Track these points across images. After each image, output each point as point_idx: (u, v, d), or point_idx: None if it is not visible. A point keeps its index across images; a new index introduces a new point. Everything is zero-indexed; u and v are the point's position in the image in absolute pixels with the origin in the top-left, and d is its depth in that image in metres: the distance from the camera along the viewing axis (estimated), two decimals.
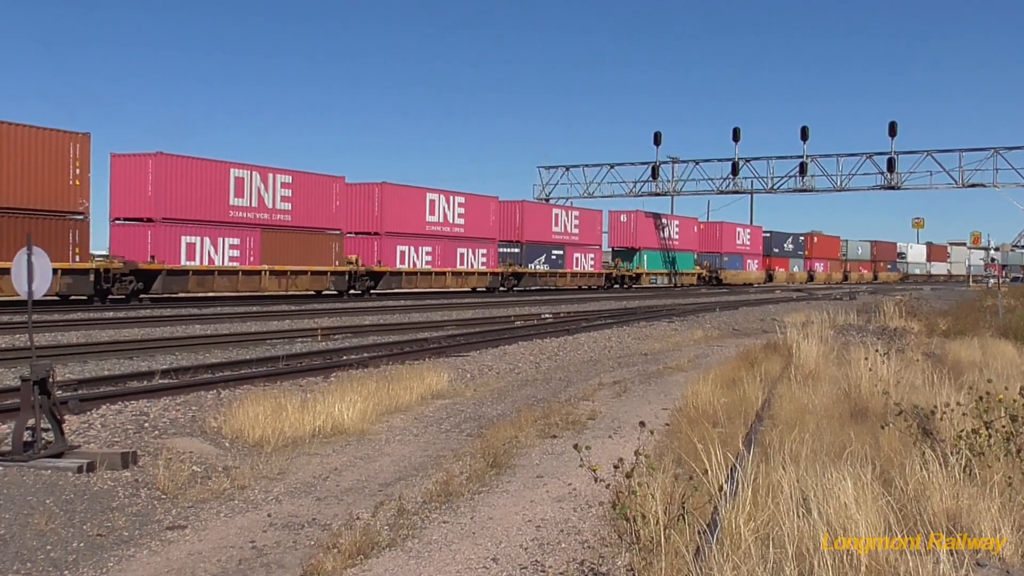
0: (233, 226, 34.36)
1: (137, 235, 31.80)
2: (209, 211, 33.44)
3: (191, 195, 32.80)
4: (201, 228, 33.04)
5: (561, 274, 54.65)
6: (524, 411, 10.70)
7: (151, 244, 31.58)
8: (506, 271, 50.09)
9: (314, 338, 19.63)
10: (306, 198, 37.37)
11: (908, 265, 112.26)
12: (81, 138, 28.09)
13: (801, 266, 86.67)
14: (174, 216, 32.16)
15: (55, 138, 27.38)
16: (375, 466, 8.50)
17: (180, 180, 32.45)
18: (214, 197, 33.64)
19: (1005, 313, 24.45)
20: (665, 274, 65.02)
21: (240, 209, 34.74)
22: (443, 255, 45.13)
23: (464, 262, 46.70)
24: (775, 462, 6.14)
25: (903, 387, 10.09)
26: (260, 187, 35.64)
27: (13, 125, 26.43)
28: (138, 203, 31.82)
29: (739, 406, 9.98)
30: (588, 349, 19.28)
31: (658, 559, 4.77)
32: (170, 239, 31.98)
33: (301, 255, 36.84)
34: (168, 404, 10.22)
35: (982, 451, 6.46)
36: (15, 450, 7.51)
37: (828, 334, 17.28)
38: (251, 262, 34.99)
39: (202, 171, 33.45)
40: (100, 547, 6.10)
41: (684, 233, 68.46)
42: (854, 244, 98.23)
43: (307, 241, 37.24)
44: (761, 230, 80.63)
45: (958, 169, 56.12)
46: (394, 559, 5.70)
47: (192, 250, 32.73)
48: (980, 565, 5.02)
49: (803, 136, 57.95)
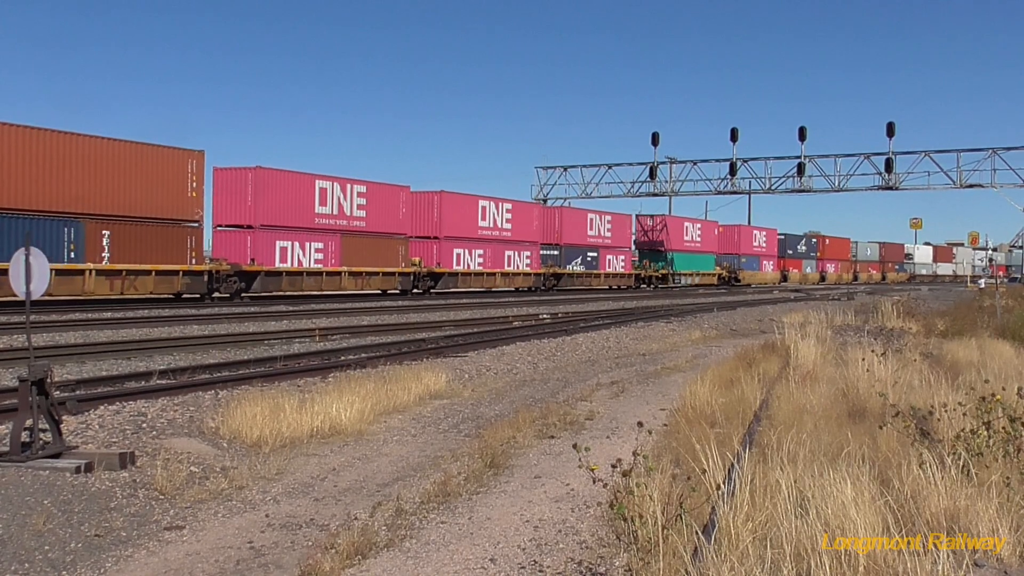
0: (318, 232, 38.04)
1: (238, 240, 35.28)
2: (298, 218, 37.06)
3: (283, 204, 36.39)
4: (292, 234, 36.71)
5: (595, 275, 58.09)
6: (522, 411, 10.70)
7: (250, 248, 35.10)
8: (547, 272, 53.70)
9: (312, 338, 19.63)
10: (378, 206, 41.13)
11: (915, 266, 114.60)
12: (196, 155, 31.98)
13: (813, 267, 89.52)
14: (270, 223, 35.77)
15: (176, 155, 31.23)
16: (373, 466, 8.50)
17: (274, 191, 36.08)
18: (302, 206, 37.32)
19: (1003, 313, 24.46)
20: (688, 274, 67.72)
21: (324, 217, 38.46)
22: (493, 257, 49.10)
23: (511, 264, 50.77)
24: (773, 462, 6.13)
25: (901, 387, 10.09)
26: (340, 196, 39.34)
27: (143, 145, 30.29)
28: (239, 211, 35.35)
29: (737, 406, 9.98)
30: (586, 349, 19.28)
31: (656, 559, 4.77)
32: (266, 244, 35.58)
33: (373, 258, 40.59)
34: (166, 404, 10.21)
35: (980, 451, 6.46)
36: (13, 450, 7.50)
37: (826, 334, 17.28)
38: (333, 264, 38.58)
39: (292, 183, 37.10)
40: (98, 547, 6.10)
41: (705, 236, 71.26)
42: (863, 245, 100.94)
43: (379, 245, 41.04)
44: (776, 233, 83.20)
45: (956, 169, 56.25)
46: (392, 559, 5.70)
47: (284, 253, 36.31)
48: (978, 565, 5.02)
49: (801, 136, 58.00)
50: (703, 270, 69.91)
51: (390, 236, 41.70)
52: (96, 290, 28.82)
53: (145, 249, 30.06)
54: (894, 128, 55.48)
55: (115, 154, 29.50)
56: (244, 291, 34.50)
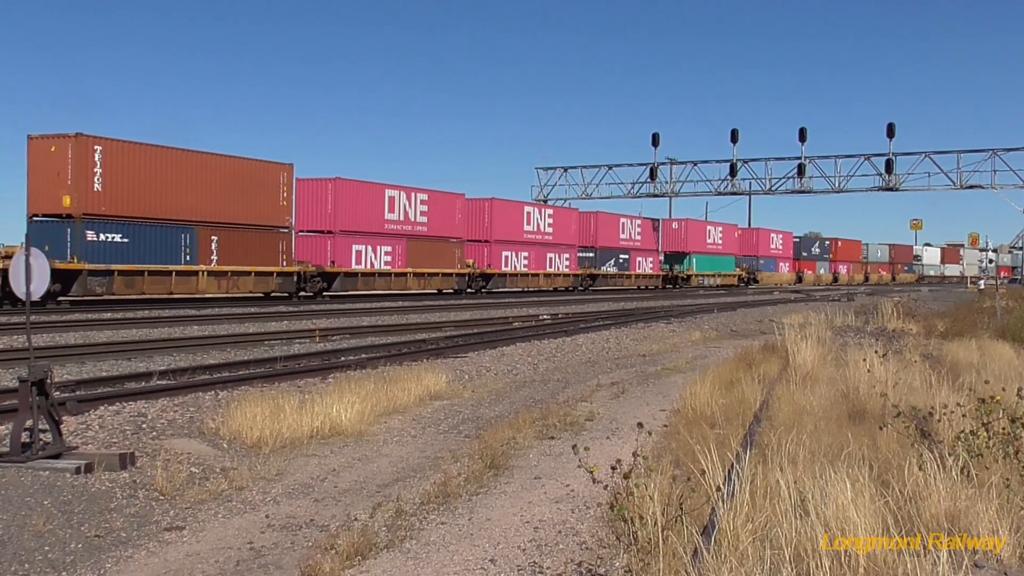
0: (387, 236, 41.97)
1: (319, 244, 39.03)
2: (371, 224, 41.03)
3: (358, 212, 40.30)
4: (365, 238, 40.60)
5: (627, 275, 62.24)
6: (522, 412, 10.70)
7: (330, 251, 38.91)
8: (583, 273, 57.57)
9: (312, 339, 19.63)
10: (437, 212, 45.10)
11: (923, 267, 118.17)
12: (287, 168, 36.01)
13: (827, 268, 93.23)
14: (347, 228, 39.59)
15: (270, 168, 35.27)
16: (373, 467, 8.50)
17: (350, 199, 39.94)
18: (374, 213, 41.29)
19: (1003, 315, 24.45)
20: (711, 275, 71.12)
21: (392, 223, 42.40)
22: (536, 259, 53.13)
23: (552, 265, 54.70)
24: (773, 463, 6.13)
25: (901, 388, 10.08)
26: (405, 204, 43.32)
27: (244, 159, 34.47)
28: (320, 218, 39.22)
29: (737, 407, 9.98)
30: (586, 350, 19.28)
31: (656, 560, 4.76)
32: (344, 247, 39.43)
33: (434, 260, 44.68)
34: (166, 405, 10.21)
35: (980, 452, 6.46)
36: (13, 451, 7.50)
37: (826, 335, 17.28)
38: (399, 266, 42.60)
39: (366, 192, 40.98)
40: (98, 548, 6.10)
41: (727, 238, 74.88)
42: (874, 247, 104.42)
43: (438, 248, 45.11)
44: (792, 236, 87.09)
45: (956, 170, 56.26)
46: (392, 560, 5.70)
47: (359, 256, 40.26)
48: (978, 566, 5.02)
49: (801, 137, 58.01)
50: (724, 271, 73.35)
51: (448, 240, 45.76)
52: (207, 289, 32.80)
53: (245, 252, 34.00)
54: (894, 129, 55.53)
55: (221, 167, 33.45)
56: (325, 290, 38.34)
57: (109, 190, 29.53)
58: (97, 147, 29.30)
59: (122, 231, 29.94)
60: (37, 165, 29.42)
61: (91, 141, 29.18)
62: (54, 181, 28.95)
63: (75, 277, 28.66)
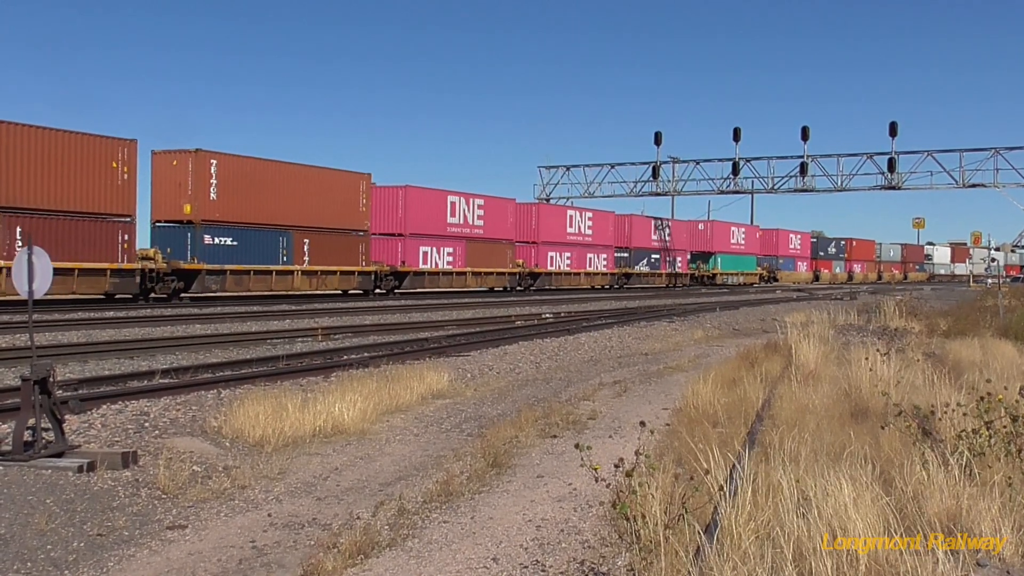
0: (449, 239, 45.82)
1: (390, 246, 42.69)
2: (435, 227, 44.84)
3: (425, 216, 44.17)
4: (431, 240, 44.46)
5: (658, 274, 66.34)
6: (524, 411, 10.70)
7: (401, 252, 42.75)
8: (619, 272, 61.51)
9: (314, 338, 19.64)
10: (492, 216, 49.20)
11: (934, 266, 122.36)
12: (366, 177, 40.17)
13: (842, 267, 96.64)
14: (415, 231, 43.43)
15: (352, 177, 39.38)
16: (375, 466, 8.51)
17: (419, 205, 43.89)
18: (438, 217, 45.16)
19: (1005, 313, 24.42)
20: (734, 274, 74.89)
21: (454, 226, 46.24)
22: (577, 259, 56.82)
23: (591, 265, 58.34)
24: (775, 462, 6.13)
25: (903, 387, 10.07)
26: (465, 209, 47.22)
27: (330, 169, 38.43)
28: (391, 222, 42.96)
29: (739, 406, 9.97)
30: (588, 349, 19.28)
31: (658, 559, 4.77)
32: (413, 249, 43.38)
33: (488, 260, 48.80)
34: (168, 404, 10.22)
35: (982, 451, 6.45)
36: (15, 450, 7.52)
37: (828, 334, 17.27)
38: (459, 265, 46.57)
39: (432, 198, 44.98)
40: (100, 547, 6.10)
41: (749, 238, 78.58)
42: (887, 247, 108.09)
43: (493, 249, 49.25)
44: (809, 236, 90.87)
45: (959, 169, 56.07)
46: (394, 559, 5.71)
47: (425, 257, 44.16)
48: (980, 565, 5.02)
49: (804, 136, 57.85)
50: (746, 270, 77.16)
51: (500, 242, 49.98)
52: (301, 287, 36.75)
53: (332, 254, 37.88)
54: (897, 128, 55.35)
55: (311, 177, 37.39)
56: (396, 288, 42.39)
57: (222, 199, 33.31)
58: (213, 160, 33.11)
59: (232, 235, 33.82)
60: (160, 177, 33.08)
61: (208, 155, 32.98)
62: (175, 191, 32.79)
63: (195, 276, 32.52)
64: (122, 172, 29.75)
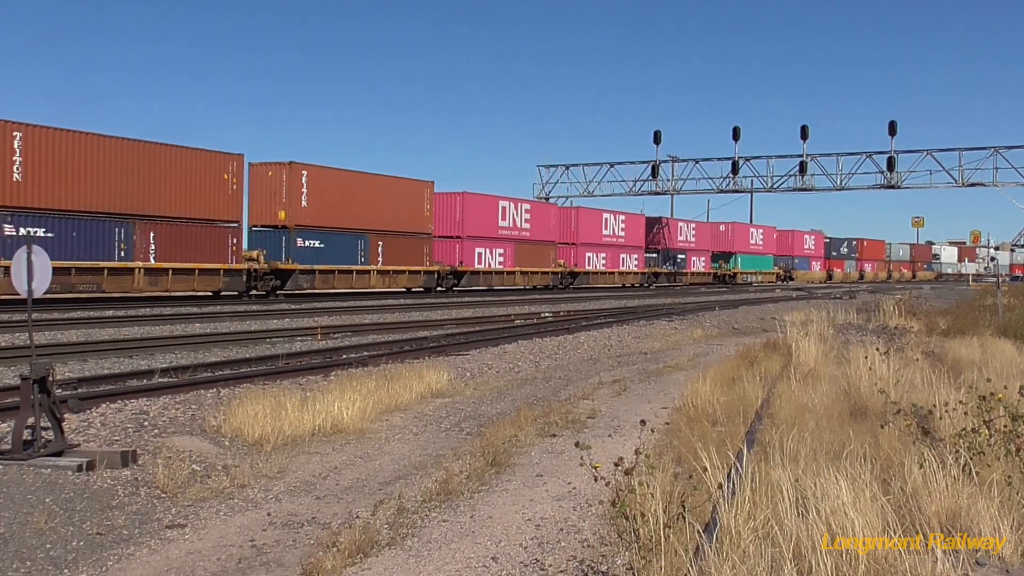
0: (500, 240, 49.90)
1: (449, 247, 46.43)
2: (488, 230, 48.87)
3: (480, 220, 48.15)
4: (484, 242, 48.47)
5: (683, 273, 70.37)
6: (524, 410, 10.69)
7: (459, 253, 46.64)
8: (650, 271, 65.79)
9: (313, 337, 19.63)
10: (537, 220, 53.44)
11: (942, 265, 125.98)
12: (429, 184, 43.93)
13: (854, 267, 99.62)
14: (471, 234, 47.38)
15: (417, 185, 43.27)
16: (375, 465, 8.50)
17: (474, 210, 47.85)
18: (490, 221, 49.28)
19: (1004, 312, 24.41)
20: (753, 273, 78.30)
21: (504, 229, 50.36)
22: (612, 259, 60.87)
23: (624, 264, 62.45)
24: (774, 461, 6.13)
25: (902, 386, 10.06)
26: (514, 213, 51.38)
27: (398, 178, 42.32)
28: (450, 225, 46.65)
29: (739, 405, 9.97)
30: (588, 348, 19.27)
31: (657, 558, 4.77)
32: (469, 250, 47.29)
33: (534, 260, 52.85)
34: (168, 403, 10.22)
35: (981, 450, 6.45)
36: (15, 448, 7.51)
37: (828, 333, 17.27)
38: (509, 265, 50.66)
39: (485, 203, 48.88)
40: (100, 546, 6.10)
41: (766, 239, 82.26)
42: (896, 247, 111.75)
43: (538, 250, 53.26)
44: (823, 236, 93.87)
45: (958, 168, 55.91)
46: (394, 558, 5.71)
47: (480, 257, 48.15)
48: (979, 564, 5.02)
49: (803, 135, 57.73)
50: (764, 269, 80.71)
51: (544, 243, 53.86)
52: (376, 284, 40.59)
53: (401, 254, 41.78)
54: (896, 127, 55.22)
55: (383, 184, 41.20)
56: (455, 286, 45.76)
57: (311, 206, 37.14)
58: (304, 171, 36.90)
59: (320, 238, 37.60)
60: (257, 186, 36.69)
61: (299, 167, 36.79)
62: (271, 199, 36.62)
63: (289, 275, 36.22)
64: (232, 183, 33.76)
